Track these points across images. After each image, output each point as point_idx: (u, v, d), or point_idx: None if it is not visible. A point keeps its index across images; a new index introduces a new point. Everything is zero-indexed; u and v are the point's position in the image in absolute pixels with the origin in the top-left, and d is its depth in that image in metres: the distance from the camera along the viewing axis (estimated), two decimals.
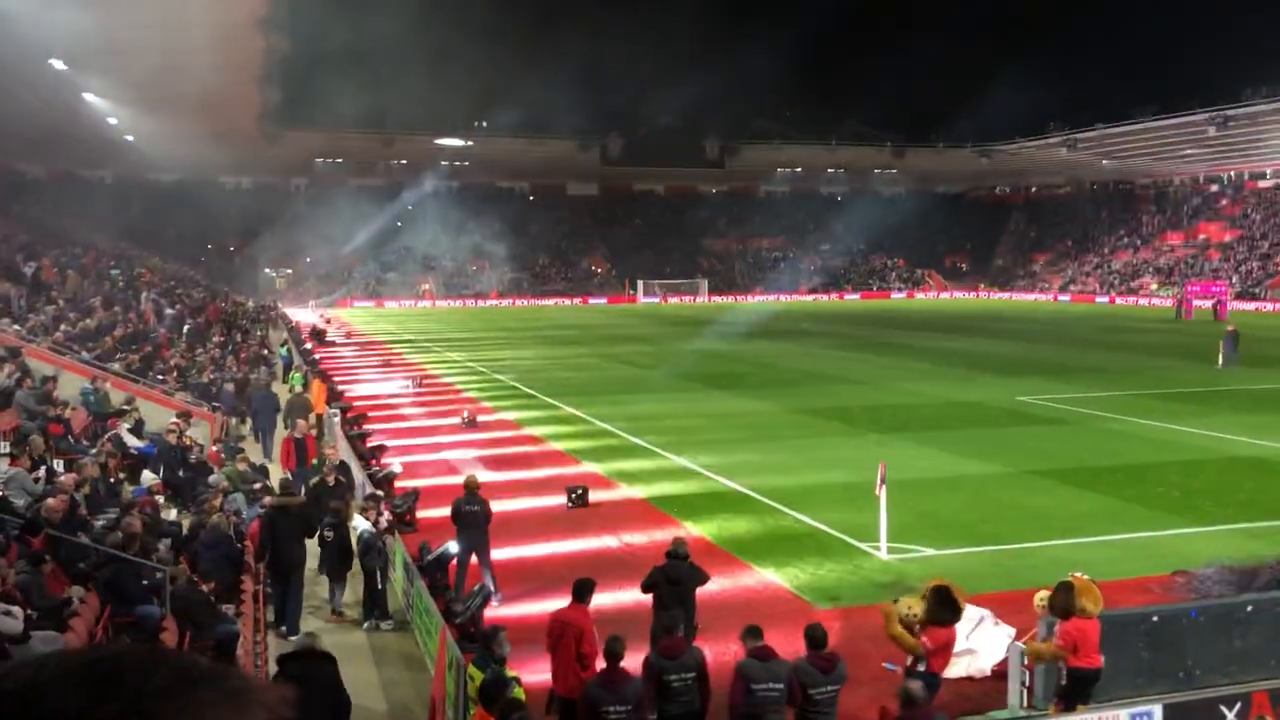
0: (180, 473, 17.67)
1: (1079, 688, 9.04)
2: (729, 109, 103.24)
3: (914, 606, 9.04)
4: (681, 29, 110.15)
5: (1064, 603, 8.99)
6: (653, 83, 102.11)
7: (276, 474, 18.25)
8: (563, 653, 8.98)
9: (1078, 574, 9.71)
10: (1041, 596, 9.76)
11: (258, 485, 16.39)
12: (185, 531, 13.74)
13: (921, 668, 8.89)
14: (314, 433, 20.14)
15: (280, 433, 22.46)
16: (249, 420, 25.23)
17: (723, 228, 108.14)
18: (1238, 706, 8.82)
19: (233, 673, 1.17)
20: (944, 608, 8.94)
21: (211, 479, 15.71)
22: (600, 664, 8.52)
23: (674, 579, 10.44)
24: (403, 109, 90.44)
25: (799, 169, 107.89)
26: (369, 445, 19.02)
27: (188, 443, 18.93)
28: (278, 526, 12.77)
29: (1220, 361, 35.37)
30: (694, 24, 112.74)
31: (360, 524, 13.16)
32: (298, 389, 25.70)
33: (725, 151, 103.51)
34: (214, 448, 20.44)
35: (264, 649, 11.00)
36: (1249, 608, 10.35)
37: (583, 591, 9.43)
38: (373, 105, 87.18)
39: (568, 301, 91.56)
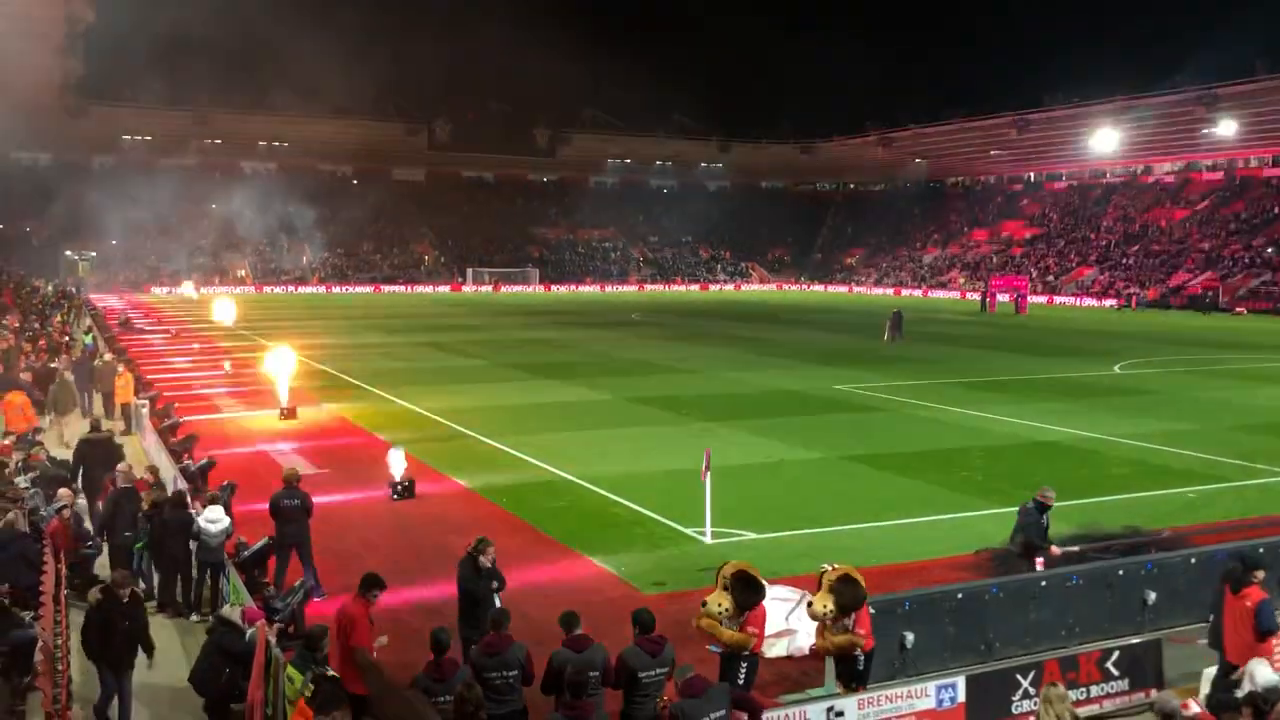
0: None
1: (869, 666, 9.33)
2: (560, 98, 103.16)
3: (723, 602, 9.00)
4: (514, 15, 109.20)
5: (855, 596, 9.14)
6: (483, 68, 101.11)
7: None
8: (339, 644, 8.82)
9: (833, 565, 9.72)
10: (825, 605, 9.15)
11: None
12: None
13: (746, 651, 9.04)
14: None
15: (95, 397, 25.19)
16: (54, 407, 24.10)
17: (553, 217, 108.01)
18: (1031, 675, 9.39)
19: None
20: (750, 590, 9.04)
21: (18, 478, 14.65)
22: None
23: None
24: (219, 88, 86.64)
25: (629, 160, 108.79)
26: (180, 438, 18.10)
27: None
28: (86, 456, 15.48)
29: (885, 337, 42.86)
30: (527, 11, 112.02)
31: (220, 518, 12.43)
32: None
33: (556, 140, 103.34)
34: (6, 440, 19.07)
35: (65, 654, 10.36)
36: (1043, 583, 11.06)
37: (365, 585, 9.16)
38: (188, 83, 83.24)
39: (394, 288, 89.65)
